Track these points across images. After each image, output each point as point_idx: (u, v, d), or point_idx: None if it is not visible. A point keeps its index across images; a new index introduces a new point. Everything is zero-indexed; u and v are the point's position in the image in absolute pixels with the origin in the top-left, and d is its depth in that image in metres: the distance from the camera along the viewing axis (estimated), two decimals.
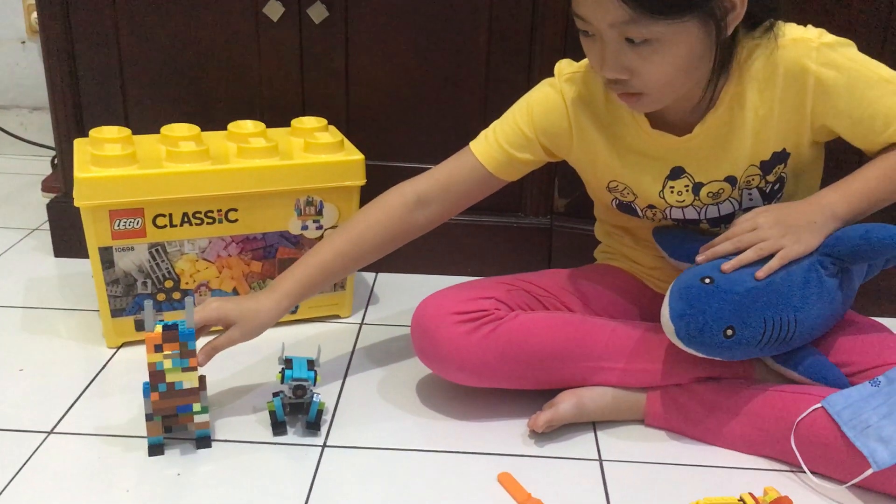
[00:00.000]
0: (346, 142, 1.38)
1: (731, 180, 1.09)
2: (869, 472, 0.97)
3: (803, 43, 1.02)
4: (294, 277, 1.15)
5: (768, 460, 1.08)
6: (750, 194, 1.10)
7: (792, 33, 1.03)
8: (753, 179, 1.09)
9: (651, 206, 1.15)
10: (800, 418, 1.03)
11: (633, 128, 1.11)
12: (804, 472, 1.03)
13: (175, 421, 1.06)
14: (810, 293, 1.03)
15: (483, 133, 1.18)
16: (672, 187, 1.11)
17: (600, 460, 1.08)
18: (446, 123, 1.51)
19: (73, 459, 1.05)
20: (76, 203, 1.20)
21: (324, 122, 1.42)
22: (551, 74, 1.16)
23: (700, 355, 1.05)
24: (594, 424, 1.15)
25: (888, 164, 1.05)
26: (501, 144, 1.15)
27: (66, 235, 1.57)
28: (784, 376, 1.10)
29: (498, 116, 1.18)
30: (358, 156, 1.34)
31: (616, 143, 1.12)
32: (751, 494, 0.98)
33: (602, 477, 1.05)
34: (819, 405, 1.02)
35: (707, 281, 1.03)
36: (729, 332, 1.02)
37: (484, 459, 1.08)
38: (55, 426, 1.11)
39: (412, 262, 1.55)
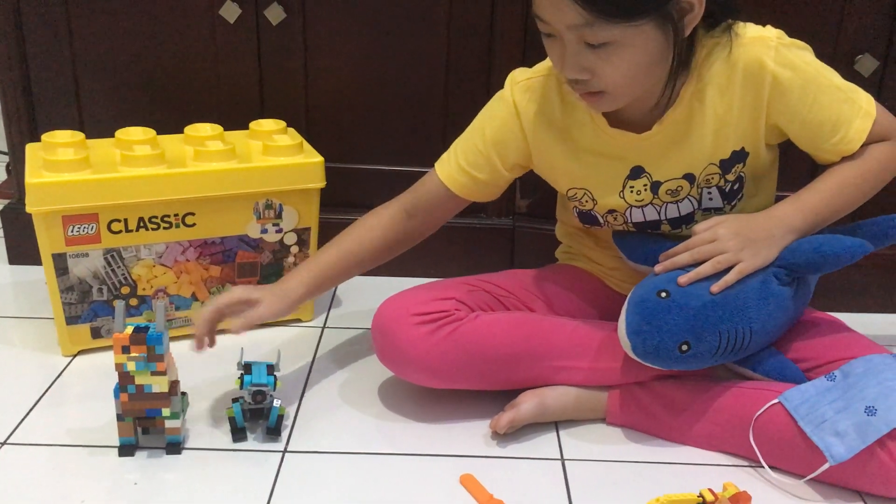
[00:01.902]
0: (306, 144, 1.37)
1: (689, 178, 1.09)
2: (826, 466, 0.99)
3: (762, 41, 1.03)
4: (304, 270, 1.16)
5: (728, 456, 1.09)
6: (709, 193, 1.11)
7: (751, 32, 1.04)
8: (713, 178, 1.09)
9: (611, 211, 1.15)
10: (758, 414, 1.04)
11: (590, 128, 1.11)
12: (763, 467, 1.04)
13: (152, 423, 1.05)
14: (766, 304, 1.05)
15: (446, 153, 1.19)
16: (632, 187, 1.11)
17: (562, 460, 1.08)
18: (406, 125, 1.50)
19: (27, 471, 1.03)
20: (28, 209, 1.18)
21: (283, 124, 1.40)
22: (511, 70, 1.16)
23: (656, 368, 1.06)
24: (556, 424, 1.15)
25: (841, 177, 1.07)
26: (462, 166, 1.17)
27: (21, 242, 1.54)
28: (743, 375, 1.11)
29: (457, 116, 1.19)
30: (317, 158, 1.33)
31: (573, 146, 1.12)
32: (710, 490, 0.99)
33: (564, 476, 1.05)
34: (776, 400, 1.03)
35: (663, 295, 1.03)
36: (684, 347, 1.02)
37: (446, 461, 1.07)
38: (8, 437, 1.09)
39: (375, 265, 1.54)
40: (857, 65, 1.37)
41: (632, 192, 1.12)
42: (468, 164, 1.16)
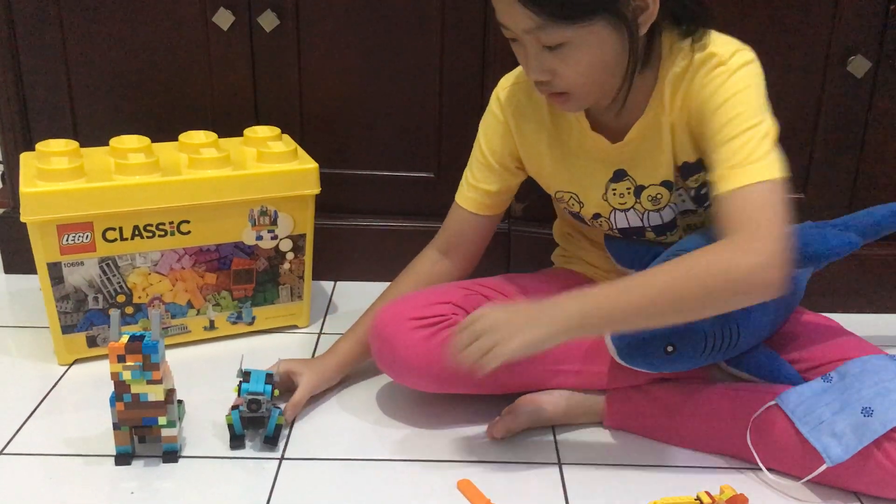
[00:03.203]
0: (300, 150, 1.36)
1: (667, 185, 1.10)
2: (823, 467, 0.99)
3: (711, 58, 1.00)
4: (350, 338, 1.22)
5: (725, 459, 1.09)
6: (682, 196, 1.11)
7: (712, 46, 1.01)
8: (683, 182, 1.10)
9: (597, 216, 1.15)
10: (755, 416, 1.04)
11: (576, 131, 1.11)
12: (761, 469, 1.04)
13: (149, 431, 1.05)
14: None
15: (461, 183, 1.23)
16: (615, 189, 1.12)
17: (559, 464, 1.08)
18: (401, 130, 1.50)
19: (23, 481, 1.03)
20: (22, 218, 1.18)
21: (277, 130, 1.40)
22: (505, 74, 1.17)
23: (644, 371, 1.06)
24: (553, 428, 1.15)
25: (652, 282, 0.96)
26: (473, 184, 1.21)
27: (16, 251, 1.54)
28: (739, 378, 1.11)
29: (451, 122, 1.21)
30: (312, 164, 1.33)
31: (561, 149, 1.13)
32: (707, 493, 0.99)
33: (562, 481, 1.05)
34: (773, 402, 1.04)
35: None
36: (669, 348, 1.02)
37: (443, 467, 1.07)
38: (5, 447, 1.09)
39: (371, 270, 1.54)
40: (850, 66, 1.37)
41: (615, 194, 1.12)
42: (477, 179, 1.20)
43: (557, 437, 1.14)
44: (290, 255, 1.36)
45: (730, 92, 0.98)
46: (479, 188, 1.20)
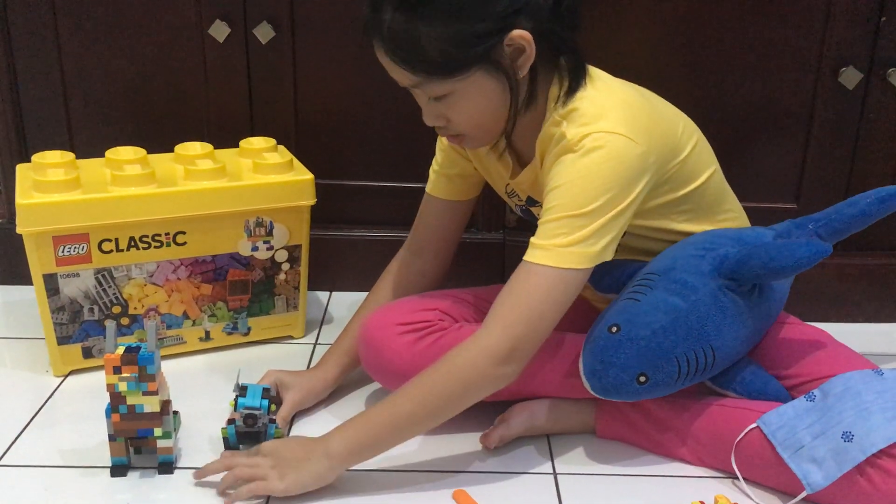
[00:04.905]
0: (296, 161, 1.37)
1: None
2: (804, 494, 0.99)
3: (562, 139, 0.99)
4: (336, 352, 1.23)
5: (719, 469, 1.09)
6: None
7: (569, 124, 0.99)
8: None
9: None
10: (737, 440, 1.04)
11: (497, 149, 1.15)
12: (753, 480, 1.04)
13: (144, 443, 1.05)
14: (725, 318, 1.04)
15: (429, 179, 1.25)
16: (511, 195, 1.18)
17: (555, 474, 1.09)
18: (395, 141, 1.51)
19: (19, 493, 1.03)
20: (18, 230, 1.18)
21: (272, 142, 1.41)
22: None
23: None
24: (548, 438, 1.15)
25: (395, 411, 1.01)
26: (437, 170, 1.24)
27: (12, 262, 1.54)
28: (726, 395, 1.11)
29: None
30: (307, 175, 1.33)
31: (487, 160, 1.17)
32: (702, 503, 0.99)
33: (556, 491, 1.05)
34: (755, 425, 1.03)
35: (614, 329, 1.03)
36: (642, 378, 1.02)
37: (439, 477, 1.07)
38: (0, 459, 1.09)
39: (366, 280, 1.53)
40: (842, 77, 1.38)
41: (511, 197, 1.19)
42: (442, 166, 1.23)
43: (552, 447, 1.14)
44: (285, 266, 1.37)
45: (565, 179, 0.98)
46: (444, 173, 1.22)
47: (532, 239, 1.01)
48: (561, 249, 0.98)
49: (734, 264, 1.04)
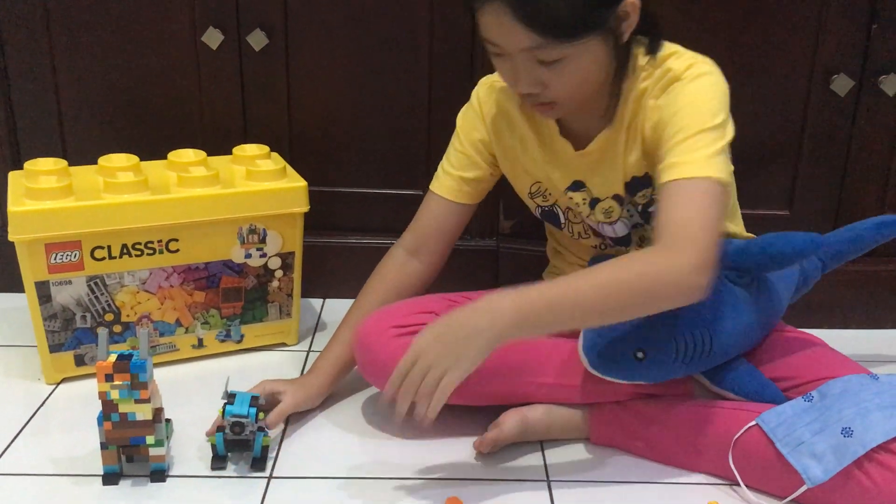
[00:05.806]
0: (289, 168, 1.37)
1: (618, 199, 1.13)
2: (803, 488, 0.99)
3: (667, 74, 1.04)
4: (323, 356, 1.22)
5: (712, 475, 1.09)
6: (631, 212, 1.14)
7: (669, 61, 1.04)
8: (630, 198, 1.12)
9: (571, 209, 1.18)
10: (736, 437, 1.05)
11: (546, 134, 1.15)
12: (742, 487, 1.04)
13: (137, 451, 1.04)
14: (723, 306, 1.06)
15: (436, 174, 1.24)
16: (571, 198, 1.15)
17: (548, 481, 1.09)
18: (389, 148, 1.51)
19: (10, 501, 1.02)
20: (10, 237, 1.18)
21: (266, 149, 1.41)
22: None
23: (620, 381, 1.06)
24: (542, 444, 1.15)
25: (579, 292, 0.94)
26: (449, 171, 1.22)
27: (3, 270, 1.53)
28: (722, 396, 1.12)
29: (441, 139, 1.23)
30: (301, 182, 1.33)
31: (533, 143, 1.16)
32: None
33: (550, 498, 1.05)
34: (754, 423, 1.04)
35: None
36: (640, 354, 1.03)
37: (433, 485, 1.07)
38: None
39: (360, 287, 1.53)
40: (833, 84, 1.39)
41: (571, 202, 1.16)
42: (454, 166, 1.22)
43: (546, 455, 1.14)
44: (278, 273, 1.36)
45: (683, 102, 1.02)
46: (456, 175, 1.21)
47: (672, 159, 0.99)
48: (708, 160, 0.98)
49: (734, 252, 1.06)
